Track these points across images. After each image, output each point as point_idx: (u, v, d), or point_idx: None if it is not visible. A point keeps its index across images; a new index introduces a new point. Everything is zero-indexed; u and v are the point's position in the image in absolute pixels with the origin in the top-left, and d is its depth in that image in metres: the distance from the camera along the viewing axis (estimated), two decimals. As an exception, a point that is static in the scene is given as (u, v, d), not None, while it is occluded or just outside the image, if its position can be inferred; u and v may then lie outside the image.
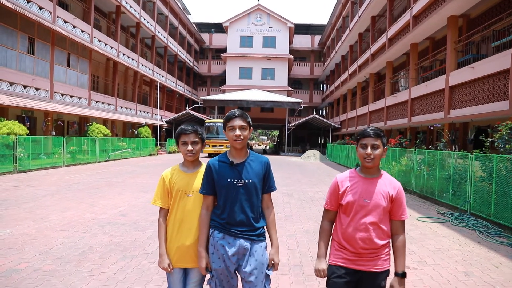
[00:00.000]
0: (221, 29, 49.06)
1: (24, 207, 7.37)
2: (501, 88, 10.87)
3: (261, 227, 2.34)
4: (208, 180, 2.33)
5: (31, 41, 17.24)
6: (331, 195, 2.33)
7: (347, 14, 33.58)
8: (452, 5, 13.43)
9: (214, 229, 2.32)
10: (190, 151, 2.44)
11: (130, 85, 31.13)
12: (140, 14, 29.59)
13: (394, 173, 12.85)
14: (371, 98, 26.03)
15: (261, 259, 2.28)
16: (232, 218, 2.27)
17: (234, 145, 2.31)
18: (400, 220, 2.24)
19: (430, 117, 15.86)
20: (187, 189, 2.44)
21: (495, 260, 4.97)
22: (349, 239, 2.21)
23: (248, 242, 2.28)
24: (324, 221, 2.37)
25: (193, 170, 2.51)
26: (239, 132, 2.27)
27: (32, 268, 4.12)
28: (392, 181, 2.27)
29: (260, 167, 2.34)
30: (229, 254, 2.25)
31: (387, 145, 11.82)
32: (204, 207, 2.36)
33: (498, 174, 7.01)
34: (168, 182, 2.47)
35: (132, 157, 24.14)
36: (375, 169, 2.26)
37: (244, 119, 2.32)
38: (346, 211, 2.25)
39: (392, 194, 2.21)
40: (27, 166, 13.72)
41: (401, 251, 2.23)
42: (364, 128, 2.26)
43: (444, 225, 7.16)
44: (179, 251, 2.41)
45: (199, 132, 2.49)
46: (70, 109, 19.47)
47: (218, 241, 2.28)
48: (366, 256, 2.19)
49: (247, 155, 2.36)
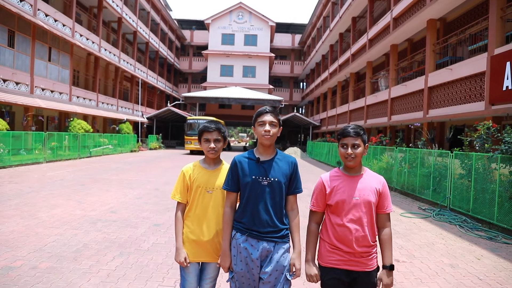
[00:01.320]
0: (202, 26, 48.82)
1: (9, 204, 7.24)
2: (477, 89, 11.35)
3: (284, 228, 2.26)
4: (233, 176, 2.29)
5: (11, 34, 16.77)
6: (317, 196, 2.29)
7: (328, 14, 33.98)
8: (432, 8, 13.87)
9: (236, 231, 2.26)
10: (212, 149, 2.44)
11: (111, 81, 30.62)
12: (122, 9, 29.13)
13: (375, 170, 13.21)
14: (351, 97, 26.51)
15: (282, 261, 2.22)
16: (256, 218, 2.20)
17: (262, 141, 2.24)
18: (386, 213, 2.25)
19: (409, 116, 16.34)
20: (208, 186, 2.45)
21: (476, 253, 5.27)
22: (343, 239, 2.17)
23: (272, 244, 2.21)
24: (311, 223, 2.32)
25: (214, 167, 2.52)
26: (268, 127, 2.21)
27: (29, 266, 4.09)
28: (376, 176, 2.28)
29: (287, 167, 2.28)
30: (252, 257, 2.19)
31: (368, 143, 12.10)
32: (228, 204, 2.32)
33: (477, 171, 7.38)
34: (189, 177, 2.48)
35: (113, 153, 23.78)
36: (358, 167, 2.25)
37: (275, 115, 2.26)
38: (336, 211, 2.21)
39: (379, 189, 2.22)
40: (7, 162, 13.37)
41: (388, 244, 2.22)
42: (344, 127, 2.26)
43: (426, 220, 7.49)
44: (196, 245, 2.42)
45: (222, 130, 2.49)
46: (51, 104, 19.02)
47: (241, 243, 2.22)
48: (360, 256, 2.16)
49: (274, 153, 2.30)
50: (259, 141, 2.28)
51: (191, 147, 27.09)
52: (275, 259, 2.20)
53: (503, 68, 9.52)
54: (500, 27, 10.46)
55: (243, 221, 2.24)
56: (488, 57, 10.54)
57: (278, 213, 2.23)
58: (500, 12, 10.46)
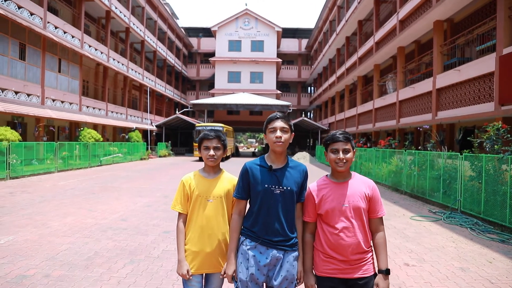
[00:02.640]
0: (209, 33, 49.17)
1: (22, 214, 7.36)
2: (486, 90, 11.25)
3: (294, 237, 2.23)
4: (243, 184, 2.25)
5: (22, 47, 17.13)
6: (307, 207, 2.27)
7: (334, 18, 34.02)
8: (438, 10, 13.82)
9: (245, 238, 2.23)
10: (211, 156, 2.40)
11: (120, 90, 30.96)
12: (129, 19, 29.55)
13: (384, 173, 13.14)
14: (359, 101, 26.42)
15: (292, 270, 2.19)
16: (268, 227, 2.16)
17: (274, 148, 2.19)
18: (378, 217, 2.21)
19: (418, 118, 16.23)
20: (208, 195, 2.40)
21: (488, 256, 5.20)
22: (336, 247, 2.14)
23: (281, 252, 2.18)
24: (306, 233, 2.30)
25: (214, 175, 2.48)
26: (280, 133, 2.16)
27: (42, 274, 4.15)
28: (365, 180, 2.25)
29: (299, 175, 2.25)
30: (260, 264, 2.15)
31: (377, 147, 11.95)
32: (236, 211, 2.29)
33: (487, 173, 7.29)
34: (188, 187, 2.43)
35: (123, 161, 24.01)
36: (347, 172, 2.22)
37: (286, 121, 2.21)
38: (326, 219, 2.19)
39: (368, 193, 2.19)
40: (20, 172, 13.59)
41: (382, 248, 2.19)
42: (332, 132, 2.24)
43: (437, 223, 7.41)
44: (199, 257, 2.36)
45: (222, 138, 2.47)
46: (62, 115, 19.33)
47: (249, 250, 2.18)
48: (355, 263, 2.14)
49: (286, 160, 2.27)
50: (271, 148, 2.23)
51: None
52: (285, 268, 2.17)
53: (512, 68, 9.44)
54: (508, 26, 10.37)
55: (255, 230, 2.20)
56: (496, 57, 10.46)
57: (289, 222, 2.21)
58: (508, 11, 10.38)
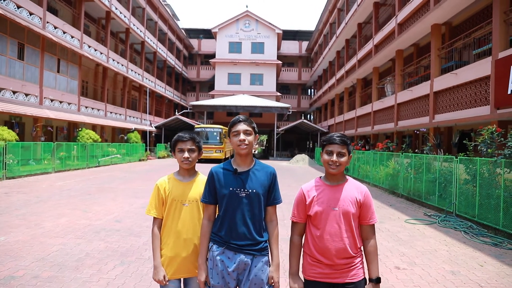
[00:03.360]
0: (209, 35, 49.21)
1: (17, 214, 7.35)
2: (482, 93, 11.25)
3: (263, 241, 2.20)
4: (210, 189, 2.23)
5: (21, 46, 17.15)
6: (298, 207, 2.23)
7: (334, 21, 34.07)
8: (435, 13, 13.84)
9: (213, 243, 2.20)
10: (186, 159, 2.36)
11: (119, 91, 30.99)
12: (129, 20, 29.58)
13: (382, 176, 13.14)
14: (358, 103, 26.44)
15: (261, 275, 2.15)
16: (233, 230, 2.14)
17: (239, 151, 2.18)
18: (370, 224, 2.18)
19: (416, 121, 16.23)
20: (183, 199, 2.36)
21: (480, 259, 5.20)
22: (323, 251, 2.11)
23: (249, 257, 2.15)
24: (294, 235, 2.26)
25: (189, 178, 2.43)
26: (243, 136, 2.16)
27: (31, 275, 4.14)
28: (359, 186, 2.21)
29: (266, 177, 2.21)
30: (229, 269, 2.13)
31: (374, 150, 11.92)
32: (205, 217, 2.25)
33: (482, 176, 7.30)
34: (163, 191, 2.38)
35: (121, 162, 24.00)
36: (340, 175, 2.20)
37: (249, 124, 2.21)
38: (315, 221, 2.16)
39: (359, 199, 2.15)
40: (16, 172, 13.59)
41: (373, 256, 2.16)
42: (330, 134, 2.20)
43: (431, 226, 7.41)
44: (175, 262, 2.32)
45: (196, 140, 2.42)
46: (60, 115, 19.33)
47: (217, 256, 2.16)
48: (341, 268, 2.10)
49: (252, 163, 2.24)
50: (235, 152, 2.22)
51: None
52: (253, 272, 2.14)
53: (508, 71, 9.44)
54: (504, 30, 10.39)
55: (221, 234, 2.17)
56: (492, 61, 10.47)
57: (256, 226, 2.17)
58: (504, 15, 10.39)
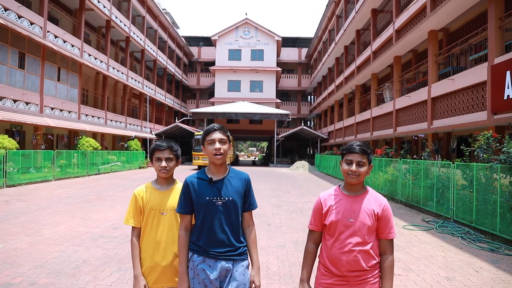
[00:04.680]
0: (209, 42, 49.57)
1: (15, 222, 7.39)
2: (479, 99, 11.32)
3: (242, 246, 2.22)
4: (185, 198, 2.20)
5: (21, 55, 17.33)
6: (314, 215, 2.20)
7: (333, 28, 34.28)
8: (432, 20, 13.96)
9: (193, 253, 2.18)
10: (164, 168, 2.34)
11: (119, 99, 31.16)
12: (129, 28, 29.85)
13: (380, 183, 13.15)
14: (358, 109, 26.52)
15: (243, 279, 2.16)
16: (212, 239, 2.14)
17: (213, 160, 2.17)
18: (388, 239, 2.08)
19: (414, 127, 16.28)
20: (161, 208, 2.35)
21: (476, 265, 5.20)
22: (334, 261, 2.05)
23: (230, 262, 2.16)
24: (308, 243, 2.23)
25: (167, 187, 2.42)
26: (218, 145, 2.16)
27: (28, 282, 4.17)
28: (378, 198, 2.13)
29: (240, 184, 2.23)
30: (211, 278, 2.11)
31: (373, 156, 11.91)
32: (182, 227, 2.22)
33: (478, 182, 7.32)
34: (141, 200, 2.37)
35: (122, 170, 24.06)
36: (360, 186, 2.13)
37: (224, 132, 2.22)
38: (329, 231, 2.11)
39: (377, 212, 2.07)
40: (16, 180, 13.65)
41: (388, 272, 2.07)
42: (350, 143, 2.14)
43: (428, 232, 7.42)
44: (155, 272, 2.31)
45: (174, 148, 2.41)
46: (60, 123, 19.45)
47: (198, 265, 2.14)
48: (352, 280, 2.03)
49: (226, 171, 2.24)
50: (210, 160, 2.21)
51: (199, 162, 27.26)
52: (235, 277, 2.15)
53: (504, 77, 9.51)
54: (499, 36, 10.48)
55: (199, 243, 2.17)
56: (488, 67, 10.55)
57: (235, 232, 2.19)
58: (499, 21, 10.49)
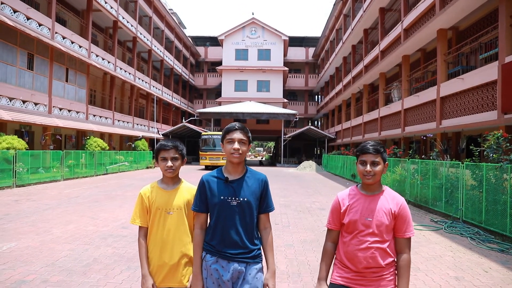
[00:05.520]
0: (216, 42, 49.64)
1: (26, 221, 7.50)
2: (489, 98, 11.21)
3: (256, 248, 2.18)
4: (201, 197, 2.20)
5: (30, 57, 17.53)
6: (333, 214, 2.24)
7: (340, 27, 34.17)
8: (441, 18, 13.85)
9: (206, 253, 2.18)
10: (169, 167, 2.34)
11: (127, 99, 31.37)
12: (136, 29, 30.03)
13: (389, 182, 13.08)
14: (365, 109, 26.41)
15: (255, 283, 2.13)
16: (226, 239, 2.13)
17: (231, 159, 2.15)
18: (405, 237, 2.11)
19: (423, 127, 16.17)
20: (168, 207, 2.35)
21: (485, 265, 5.17)
22: (351, 258, 2.11)
23: (243, 265, 2.13)
24: (327, 242, 2.27)
25: (173, 187, 2.42)
26: (237, 145, 2.13)
27: (40, 279, 4.25)
28: (395, 197, 2.16)
29: (257, 185, 2.19)
30: (224, 279, 2.11)
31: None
32: (197, 226, 2.23)
33: (488, 182, 7.26)
34: (147, 199, 2.38)
35: (129, 170, 24.21)
36: (376, 185, 2.16)
37: (245, 133, 2.18)
38: (348, 229, 2.16)
39: (394, 211, 2.10)
40: (26, 180, 13.82)
41: (405, 271, 2.09)
42: (364, 143, 2.17)
43: (437, 232, 7.38)
44: (162, 271, 2.32)
45: (179, 148, 2.40)
46: (68, 123, 19.64)
47: (211, 265, 2.14)
48: (369, 276, 2.07)
49: (244, 171, 2.21)
50: (227, 159, 2.19)
51: (206, 162, 27.30)
52: (248, 280, 2.12)
53: (514, 76, 9.41)
54: (510, 34, 10.37)
55: (213, 243, 2.16)
56: (499, 66, 10.44)
57: (249, 234, 2.16)
58: (510, 20, 10.38)
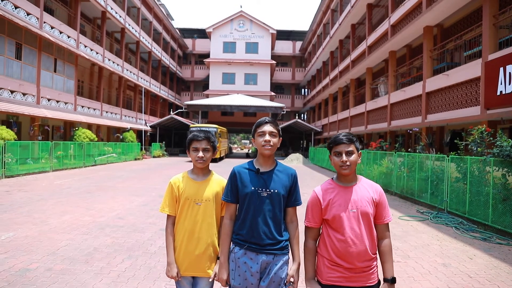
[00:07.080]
0: (204, 34, 49.39)
1: (21, 211, 7.52)
2: (473, 94, 11.61)
3: (284, 240, 2.23)
4: (232, 187, 2.24)
5: (18, 46, 17.22)
6: (312, 211, 2.17)
7: (328, 21, 34.39)
8: (428, 16, 14.18)
9: (234, 245, 2.22)
10: (200, 158, 2.37)
11: (114, 90, 31.06)
12: (125, 19, 29.66)
13: (375, 175, 13.44)
14: (352, 103, 26.79)
15: (280, 273, 2.18)
16: (254, 230, 2.16)
17: (262, 152, 2.20)
18: (385, 223, 2.13)
19: (408, 121, 16.59)
20: (196, 198, 2.36)
21: (470, 253, 5.49)
22: (343, 254, 2.06)
23: (271, 256, 2.17)
24: (308, 240, 2.22)
25: (203, 178, 2.44)
26: (268, 137, 2.17)
27: (44, 268, 4.34)
28: (373, 185, 2.18)
29: (287, 178, 2.25)
30: (252, 270, 2.14)
31: (368, 149, 12.20)
32: (227, 216, 2.27)
33: (472, 174, 7.61)
34: (177, 189, 2.39)
35: (117, 161, 24.11)
36: (353, 175, 2.15)
37: (275, 126, 2.23)
38: (333, 225, 2.10)
39: (375, 198, 2.12)
40: (15, 171, 13.71)
41: (388, 256, 2.11)
42: (335, 135, 2.16)
43: (424, 223, 7.71)
44: (187, 259, 2.35)
45: (211, 139, 2.43)
46: (57, 114, 19.41)
47: (240, 257, 2.18)
48: (361, 271, 2.07)
49: (274, 164, 2.27)
50: (259, 152, 2.25)
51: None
52: (273, 270, 2.17)
53: (497, 73, 9.78)
54: (493, 33, 10.74)
55: (242, 233, 2.20)
56: (482, 63, 10.82)
57: (277, 226, 2.20)
58: (493, 19, 10.75)
